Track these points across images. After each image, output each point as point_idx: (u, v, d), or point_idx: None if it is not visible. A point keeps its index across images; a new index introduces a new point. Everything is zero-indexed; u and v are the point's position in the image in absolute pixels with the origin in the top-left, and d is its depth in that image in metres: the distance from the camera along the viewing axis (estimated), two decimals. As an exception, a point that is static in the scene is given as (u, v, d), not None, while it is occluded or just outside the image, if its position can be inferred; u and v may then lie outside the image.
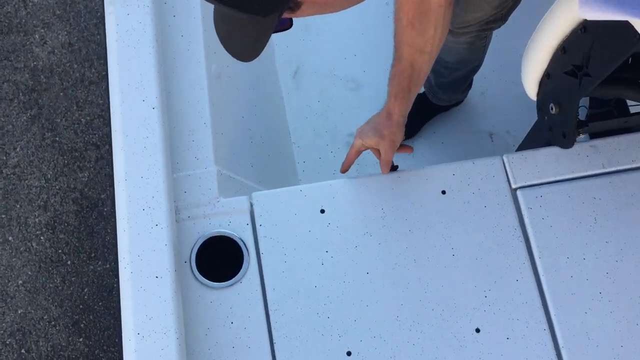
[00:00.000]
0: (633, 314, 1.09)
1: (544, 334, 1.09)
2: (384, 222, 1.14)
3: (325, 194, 1.15)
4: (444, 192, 1.17)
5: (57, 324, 2.04)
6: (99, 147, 2.23)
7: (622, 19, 0.81)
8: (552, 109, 1.11)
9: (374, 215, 1.14)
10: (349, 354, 1.06)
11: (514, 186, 1.17)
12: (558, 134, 1.13)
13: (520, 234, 1.14)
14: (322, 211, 1.14)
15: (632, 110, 1.22)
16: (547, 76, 1.11)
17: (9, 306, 2.05)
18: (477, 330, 1.09)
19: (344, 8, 0.94)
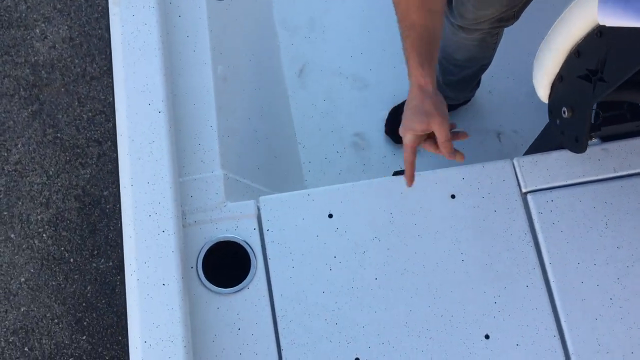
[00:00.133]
0: (644, 321, 1.08)
1: (554, 340, 1.08)
2: (392, 227, 1.12)
3: (333, 198, 1.13)
4: (453, 197, 1.15)
5: (60, 321, 2.03)
6: (100, 143, 2.22)
7: None
8: (564, 112, 1.09)
9: (382, 219, 1.13)
10: (357, 360, 1.05)
11: (524, 190, 1.15)
12: (570, 138, 1.11)
13: (531, 239, 1.13)
14: (330, 216, 1.12)
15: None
16: (560, 79, 1.09)
17: (11, 304, 2.04)
18: (487, 336, 1.08)
19: None
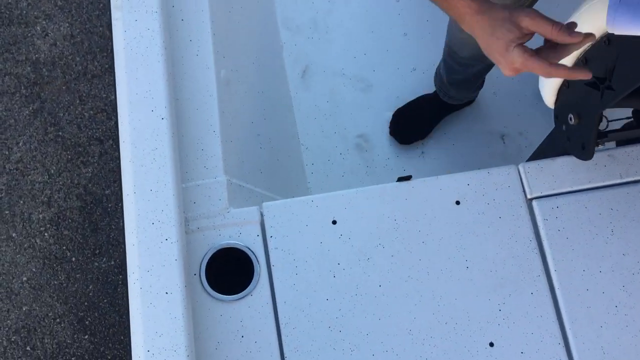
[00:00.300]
0: (649, 329, 1.07)
1: (559, 348, 1.07)
2: (396, 234, 1.12)
3: (336, 204, 1.13)
4: (458, 203, 1.14)
5: (62, 321, 2.03)
6: (102, 142, 2.21)
7: None
8: (571, 119, 1.08)
9: (386, 226, 1.12)
10: (361, 368, 1.05)
11: (529, 196, 1.15)
12: (577, 145, 1.10)
13: (536, 246, 1.12)
14: (334, 222, 1.12)
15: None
16: (567, 85, 1.08)
17: (13, 303, 2.04)
18: (491, 344, 1.07)
19: None
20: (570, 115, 1.08)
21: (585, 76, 0.81)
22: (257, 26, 1.61)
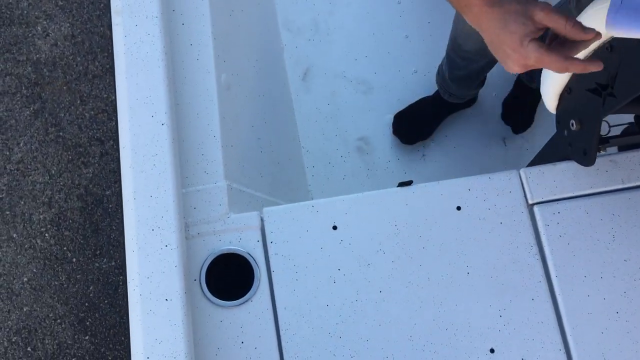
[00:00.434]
0: (651, 335, 1.07)
1: (560, 354, 1.07)
2: (397, 239, 1.11)
3: (337, 209, 1.12)
4: (459, 208, 1.14)
5: (62, 321, 2.03)
6: (103, 142, 2.21)
7: None
8: (572, 125, 1.08)
9: (387, 232, 1.12)
10: (361, 374, 1.04)
11: (530, 202, 1.14)
12: (578, 151, 1.09)
13: (537, 252, 1.12)
14: (335, 227, 1.11)
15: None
16: (569, 91, 1.08)
17: (14, 304, 2.04)
18: (492, 350, 1.07)
19: None
20: (572, 121, 1.08)
21: (598, 67, 0.78)
22: (258, 28, 1.61)
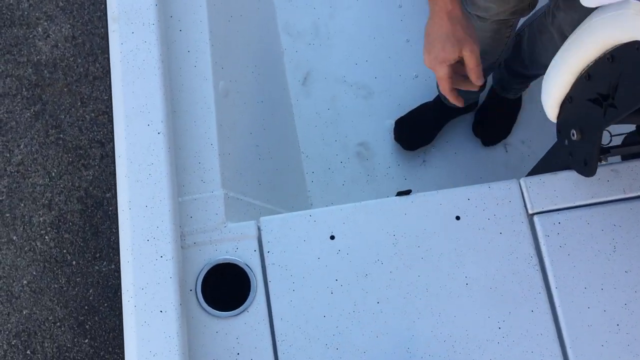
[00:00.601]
0: (651, 348, 1.06)
1: (559, 367, 1.06)
2: (395, 250, 1.10)
3: (335, 219, 1.11)
4: (458, 218, 1.13)
5: (62, 325, 2.03)
6: (103, 144, 2.20)
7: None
8: (573, 135, 1.06)
9: (385, 242, 1.10)
10: (358, 386, 1.04)
11: (530, 212, 1.13)
12: (579, 161, 1.08)
13: (537, 263, 1.10)
14: (332, 237, 1.10)
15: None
16: (570, 100, 1.06)
17: (14, 307, 2.04)
18: (490, 362, 1.06)
19: None
20: (573, 130, 1.06)
21: (459, 104, 1.06)
22: (258, 33, 1.60)
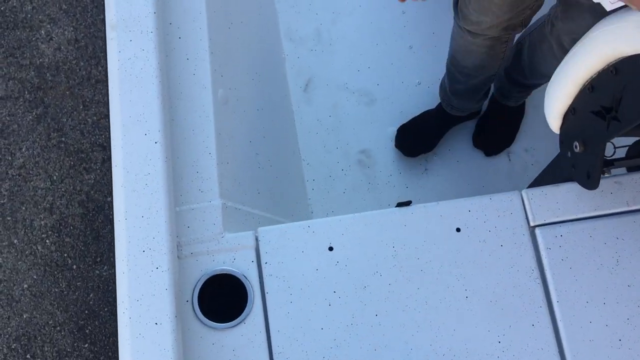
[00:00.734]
0: (654, 364, 1.04)
1: (560, 382, 1.04)
2: (394, 261, 1.09)
3: (334, 230, 1.10)
4: (458, 230, 1.11)
5: (62, 329, 2.03)
6: (105, 148, 2.19)
7: None
8: (576, 147, 1.05)
9: (384, 253, 1.09)
10: (355, 400, 1.02)
11: (532, 224, 1.11)
12: (582, 173, 1.06)
13: (538, 276, 1.09)
14: (331, 248, 1.09)
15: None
16: (573, 112, 1.05)
17: (14, 310, 2.04)
18: (490, 377, 1.04)
19: None
20: (576, 142, 1.05)
21: None
22: (259, 39, 1.59)
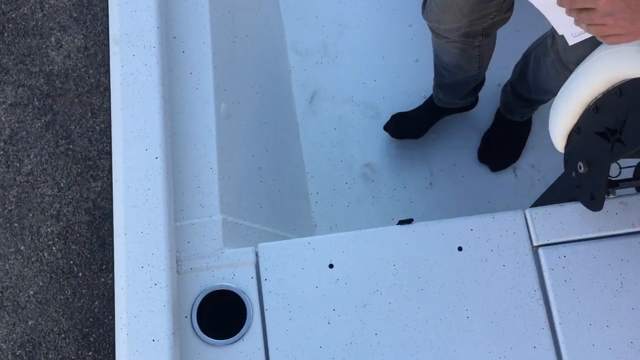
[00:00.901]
0: (658, 390, 1.02)
1: (561, 406, 1.03)
2: (395, 280, 1.08)
3: (334, 247, 1.09)
4: (460, 249, 1.10)
5: (67, 336, 2.03)
6: (112, 156, 2.20)
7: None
8: (580, 167, 1.04)
9: (385, 271, 1.08)
10: (353, 420, 1.01)
11: (535, 244, 1.10)
12: (586, 194, 1.05)
13: (540, 297, 1.08)
14: (331, 266, 1.09)
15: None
16: (577, 131, 1.04)
17: (19, 317, 2.05)
18: (490, 399, 1.03)
19: None
20: (580, 163, 1.04)
21: None
22: (265, 51, 1.59)
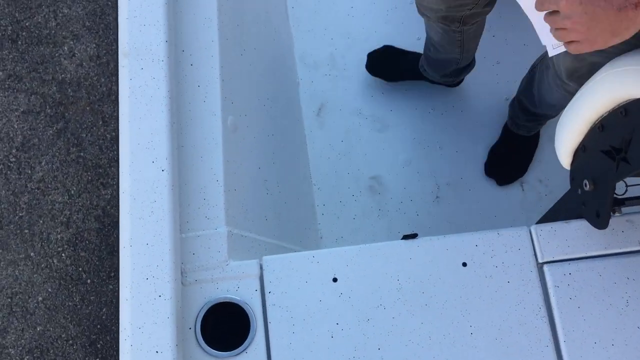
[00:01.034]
0: (663, 410, 1.01)
1: None
2: (399, 295, 1.08)
3: (338, 261, 1.10)
4: (464, 265, 1.10)
5: (74, 343, 2.05)
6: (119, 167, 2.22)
7: None
8: (586, 185, 1.03)
9: (389, 286, 1.08)
10: None
11: (540, 261, 1.10)
12: (591, 212, 1.05)
13: (545, 314, 1.07)
14: (335, 279, 1.09)
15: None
16: (583, 149, 1.04)
17: (28, 323, 2.06)
18: (493, 416, 1.03)
19: None
20: (585, 180, 1.03)
21: None
22: (273, 64, 1.60)
